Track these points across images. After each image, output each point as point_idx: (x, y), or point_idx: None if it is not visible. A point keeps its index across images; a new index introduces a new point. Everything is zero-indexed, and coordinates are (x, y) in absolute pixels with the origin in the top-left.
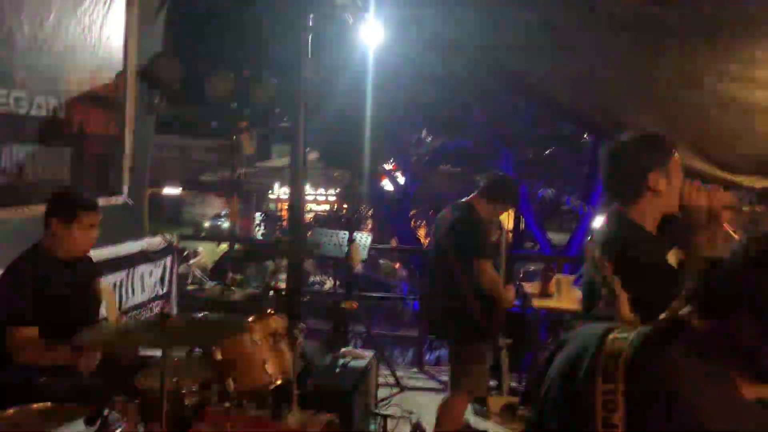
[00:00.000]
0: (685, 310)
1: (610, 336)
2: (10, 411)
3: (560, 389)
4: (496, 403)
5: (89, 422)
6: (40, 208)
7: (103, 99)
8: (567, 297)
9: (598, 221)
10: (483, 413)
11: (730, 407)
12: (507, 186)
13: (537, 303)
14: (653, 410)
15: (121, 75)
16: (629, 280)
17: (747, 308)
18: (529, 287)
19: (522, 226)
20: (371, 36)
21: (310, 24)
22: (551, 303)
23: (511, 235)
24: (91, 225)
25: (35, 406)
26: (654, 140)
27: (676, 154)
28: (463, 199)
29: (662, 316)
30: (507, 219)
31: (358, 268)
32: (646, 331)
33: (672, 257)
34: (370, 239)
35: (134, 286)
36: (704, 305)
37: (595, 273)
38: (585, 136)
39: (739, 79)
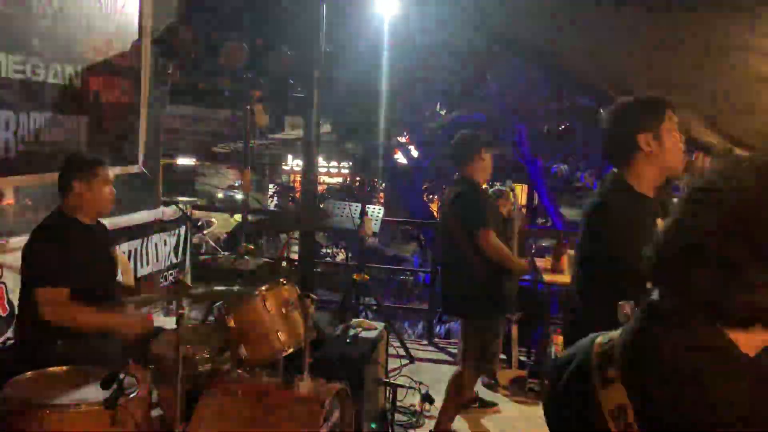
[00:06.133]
0: (652, 292)
1: (597, 341)
2: (28, 374)
3: (564, 406)
4: (505, 376)
5: (105, 386)
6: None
7: (119, 67)
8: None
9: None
10: (492, 386)
11: (731, 373)
12: (469, 139)
13: (548, 278)
14: (661, 401)
15: (137, 43)
16: (608, 236)
17: (696, 261)
18: (541, 262)
19: (535, 201)
20: (387, 7)
21: None
22: (562, 278)
23: (524, 211)
24: (108, 180)
25: (52, 369)
26: (646, 102)
27: (672, 117)
28: (457, 174)
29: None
30: (520, 194)
31: (371, 240)
32: (629, 326)
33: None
34: (382, 212)
35: (149, 254)
36: (658, 276)
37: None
38: (600, 110)
39: (761, 53)
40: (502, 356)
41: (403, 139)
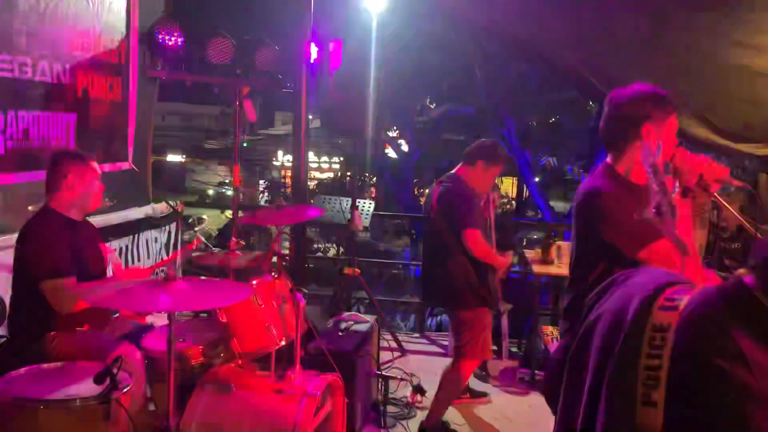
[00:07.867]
0: (745, 273)
1: (660, 299)
2: (22, 370)
3: (604, 343)
4: (495, 366)
5: (98, 381)
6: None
7: (106, 64)
8: (567, 263)
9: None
10: (483, 377)
11: None
12: (488, 148)
13: (538, 269)
14: (700, 391)
15: (125, 40)
16: (599, 221)
17: None
18: (530, 254)
19: (525, 194)
20: (375, 1)
21: None
22: (551, 269)
23: (514, 203)
24: (97, 175)
25: (45, 365)
26: (659, 96)
27: (676, 119)
28: (451, 171)
29: (723, 280)
30: (510, 188)
31: (362, 234)
32: (702, 298)
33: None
34: (373, 206)
35: (139, 251)
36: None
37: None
38: (590, 103)
39: (744, 46)
40: (493, 347)
41: (393, 134)
